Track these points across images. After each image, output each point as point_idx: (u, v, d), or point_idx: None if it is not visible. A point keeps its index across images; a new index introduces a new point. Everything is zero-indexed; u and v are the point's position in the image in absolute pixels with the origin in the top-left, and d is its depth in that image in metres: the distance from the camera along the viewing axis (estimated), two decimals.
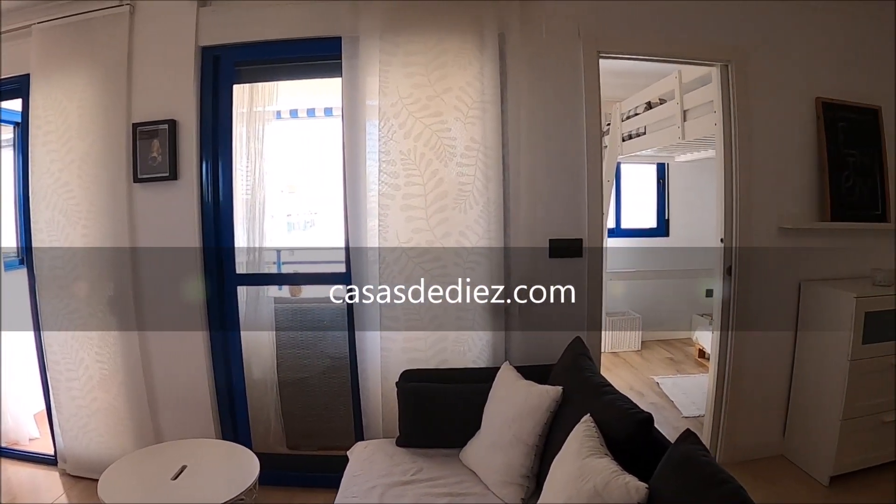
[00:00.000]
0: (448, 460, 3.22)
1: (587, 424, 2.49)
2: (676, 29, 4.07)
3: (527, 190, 3.74)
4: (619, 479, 2.07)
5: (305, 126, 5.76)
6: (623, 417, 2.50)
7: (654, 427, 2.49)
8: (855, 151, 4.52)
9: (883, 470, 4.28)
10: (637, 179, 8.42)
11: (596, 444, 2.35)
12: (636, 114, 6.32)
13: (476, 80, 3.63)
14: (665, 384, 6.32)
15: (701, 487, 1.88)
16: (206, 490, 2.95)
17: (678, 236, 8.25)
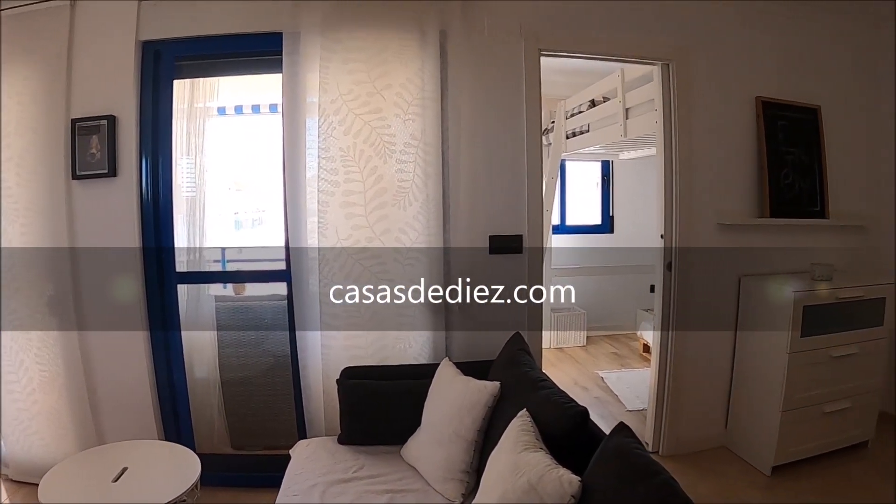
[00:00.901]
0: (390, 457, 3.19)
1: (523, 419, 2.48)
2: (618, 28, 4.06)
3: (466, 186, 3.73)
4: (553, 472, 2.06)
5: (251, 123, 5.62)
6: (559, 412, 2.49)
7: (590, 421, 2.47)
8: (794, 149, 4.59)
9: (824, 459, 4.36)
10: (582, 177, 8.50)
11: (531, 438, 2.34)
12: (580, 111, 6.37)
13: (417, 76, 3.60)
14: (609, 378, 6.35)
15: (633, 479, 1.88)
16: (147, 491, 2.88)
17: (623, 233, 8.35)
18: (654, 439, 4.52)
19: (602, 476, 2.02)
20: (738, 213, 4.44)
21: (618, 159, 8.03)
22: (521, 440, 2.34)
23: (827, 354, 4.16)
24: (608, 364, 7.01)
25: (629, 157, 7.57)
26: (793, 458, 4.22)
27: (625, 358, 7.30)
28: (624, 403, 5.62)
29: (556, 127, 6.87)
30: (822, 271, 4.28)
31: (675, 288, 4.32)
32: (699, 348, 4.46)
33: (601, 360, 7.23)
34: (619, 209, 8.41)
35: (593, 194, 8.46)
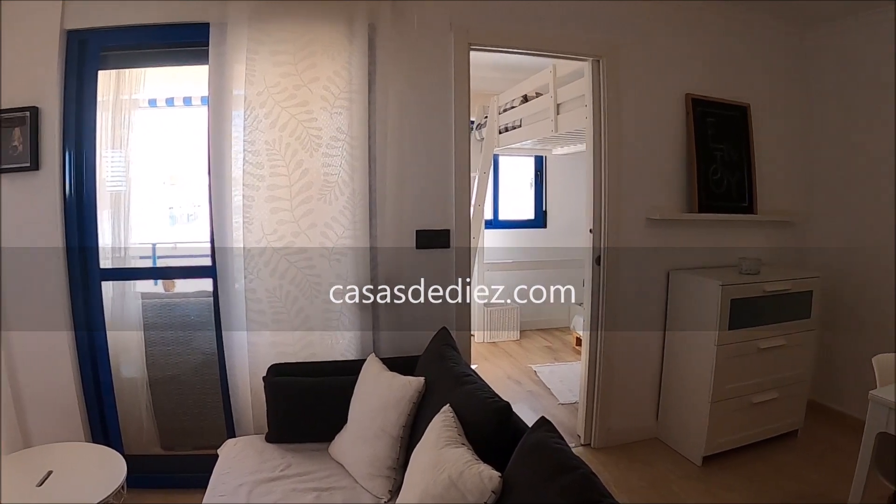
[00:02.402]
0: (317, 454, 3.10)
1: (446, 414, 2.45)
2: (550, 23, 4.02)
3: (393, 181, 3.65)
4: (474, 468, 2.03)
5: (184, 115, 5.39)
6: (482, 406, 2.45)
7: (513, 415, 2.44)
8: (723, 146, 4.64)
9: (754, 449, 4.41)
10: (515, 172, 8.49)
11: (453, 434, 2.31)
12: (513, 107, 6.36)
13: (344, 70, 3.51)
14: (542, 372, 6.34)
15: (552, 474, 1.84)
16: (72, 495, 2.73)
17: (556, 228, 8.38)
18: (586, 432, 4.52)
19: (522, 471, 1.99)
20: (667, 208, 4.46)
21: (551, 155, 8.05)
22: (442, 436, 2.30)
23: (755, 346, 4.20)
24: (541, 358, 7.00)
25: (562, 153, 7.59)
26: (723, 448, 4.25)
27: (558, 352, 7.32)
28: (556, 397, 5.61)
29: (489, 122, 6.84)
30: (750, 265, 4.33)
31: (604, 282, 4.32)
32: (629, 341, 4.47)
33: (535, 354, 7.22)
34: (552, 204, 8.43)
35: (526, 190, 8.47)
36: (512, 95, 6.30)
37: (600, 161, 4.21)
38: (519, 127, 6.18)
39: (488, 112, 6.84)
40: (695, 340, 4.23)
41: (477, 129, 7.13)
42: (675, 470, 4.14)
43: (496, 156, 7.82)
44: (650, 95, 4.33)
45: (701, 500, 3.76)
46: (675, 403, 4.48)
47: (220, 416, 3.84)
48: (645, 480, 3.98)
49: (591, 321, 4.40)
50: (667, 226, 4.45)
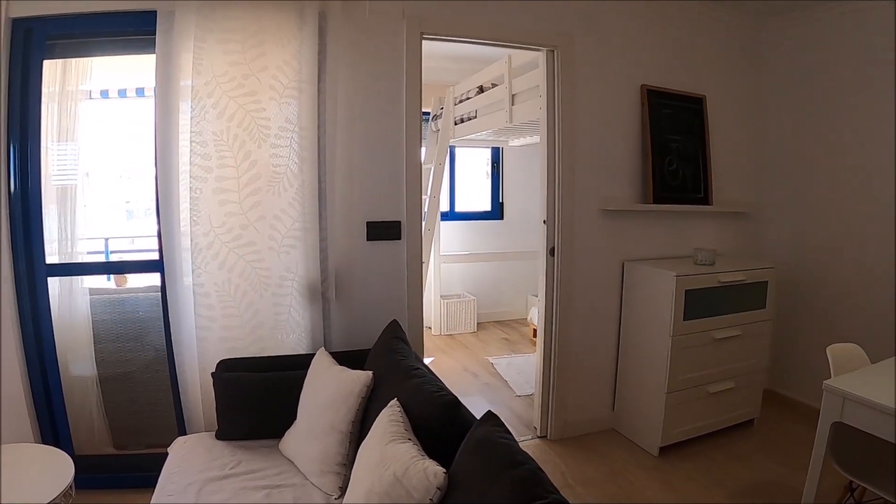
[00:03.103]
0: (268, 451, 3.03)
1: (393, 409, 2.40)
2: (504, 13, 3.97)
3: (343, 172, 3.59)
4: (419, 464, 1.99)
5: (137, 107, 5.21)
6: (429, 400, 2.42)
7: (461, 409, 2.41)
8: (679, 137, 4.65)
9: (711, 438, 4.44)
10: (472, 164, 8.45)
11: (400, 429, 2.26)
12: (468, 98, 6.28)
13: (294, 59, 3.43)
14: (500, 364, 6.33)
15: (498, 469, 1.81)
16: (17, 498, 2.63)
17: (512, 219, 8.37)
18: (542, 424, 4.50)
19: (468, 467, 1.95)
20: (622, 199, 4.46)
21: (507, 146, 8.03)
22: (389, 431, 2.25)
23: (710, 337, 4.22)
24: (498, 350, 6.99)
25: (518, 144, 7.59)
26: (680, 438, 4.26)
27: (515, 343, 7.30)
28: (514, 389, 5.60)
29: (444, 113, 6.77)
30: (705, 256, 4.35)
31: (558, 274, 4.29)
32: (585, 333, 4.47)
33: (492, 345, 7.21)
34: (508, 196, 8.41)
35: (483, 181, 8.45)
36: (468, 86, 6.24)
37: (554, 152, 4.18)
38: (475, 118, 6.12)
39: (444, 103, 6.79)
40: (650, 331, 4.23)
41: (433, 121, 7.08)
42: (632, 461, 4.13)
43: (452, 147, 7.80)
44: (605, 86, 4.31)
45: (657, 490, 3.75)
46: (631, 394, 4.49)
47: (171, 413, 3.74)
48: (601, 472, 3.97)
49: (546, 313, 4.37)
50: (621, 217, 4.45)
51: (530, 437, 4.47)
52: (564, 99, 4.11)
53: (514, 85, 5.17)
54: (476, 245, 8.16)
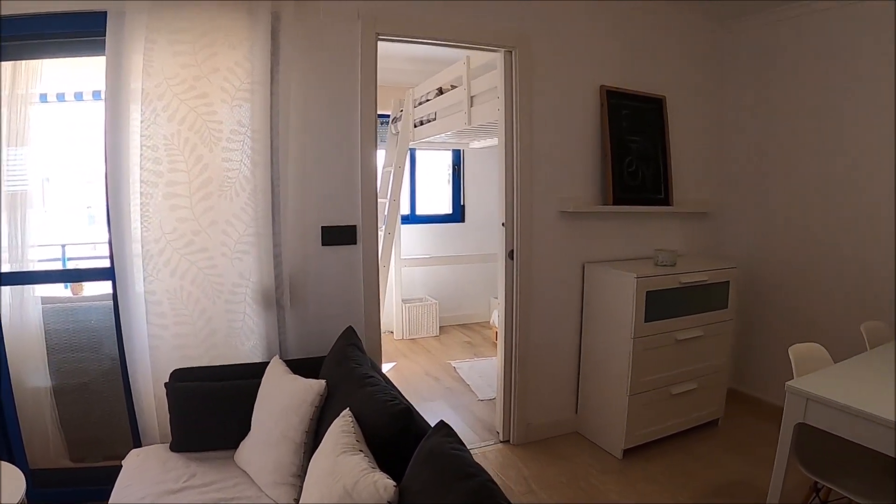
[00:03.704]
0: (223, 463, 2.98)
1: (345, 419, 2.36)
2: (461, 13, 3.95)
3: (297, 176, 3.53)
4: (369, 477, 1.95)
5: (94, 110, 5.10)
6: (381, 410, 2.37)
7: (414, 418, 2.39)
8: (638, 138, 4.66)
9: (675, 439, 4.47)
10: (433, 166, 8.43)
11: (351, 440, 2.22)
12: (428, 100, 6.26)
13: (246, 60, 3.38)
14: (462, 368, 6.34)
15: (449, 482, 1.77)
16: None
17: (474, 222, 8.37)
18: (505, 428, 4.50)
19: (420, 479, 1.90)
20: (581, 200, 4.46)
21: (468, 148, 8.02)
22: (340, 442, 2.21)
23: (672, 338, 4.24)
24: (461, 353, 6.99)
25: (479, 146, 7.56)
26: (643, 440, 4.29)
27: (478, 347, 7.31)
28: (476, 393, 5.61)
29: (404, 115, 6.74)
30: (666, 257, 4.38)
31: (517, 276, 4.29)
32: (546, 335, 4.47)
33: (454, 349, 7.21)
34: (469, 198, 8.42)
35: (444, 184, 8.43)
36: (427, 88, 6.22)
37: (512, 154, 4.18)
38: (434, 120, 6.10)
39: (404, 105, 6.76)
40: (611, 333, 4.24)
41: (392, 123, 7.05)
42: (595, 464, 4.14)
43: (413, 150, 7.79)
44: (564, 87, 4.32)
45: (621, 493, 3.76)
46: (593, 397, 4.49)
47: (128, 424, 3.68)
48: (564, 476, 3.97)
49: (506, 316, 4.37)
50: (581, 218, 4.46)
51: (493, 441, 4.47)
52: (522, 100, 4.11)
53: (472, 86, 5.17)
54: (437, 248, 8.16)
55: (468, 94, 5.20)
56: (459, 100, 5.40)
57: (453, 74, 5.56)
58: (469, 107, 5.24)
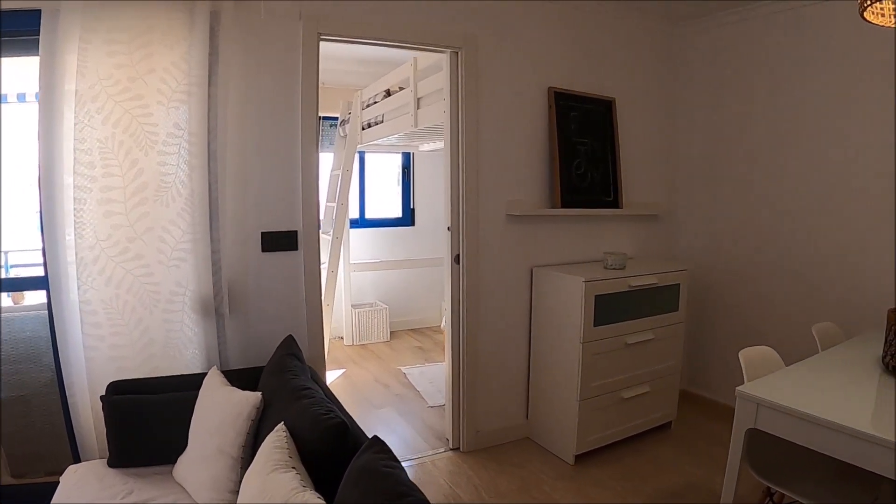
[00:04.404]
0: (162, 478, 2.91)
1: (278, 434, 2.29)
2: (406, 13, 3.94)
3: (236, 180, 3.48)
4: (299, 496, 1.88)
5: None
6: (316, 424, 2.30)
7: (349, 433, 2.31)
8: (587, 140, 4.67)
9: (628, 443, 4.51)
10: (383, 169, 8.44)
11: (284, 456, 2.15)
12: (375, 101, 6.24)
13: (183, 60, 3.31)
14: (412, 374, 6.34)
15: (381, 502, 1.71)
16: None
17: (424, 226, 8.39)
18: (454, 436, 4.49)
19: (351, 499, 1.85)
20: (528, 203, 4.48)
21: (418, 151, 8.03)
22: (271, 459, 2.13)
23: (622, 342, 4.27)
24: (411, 359, 7.00)
25: (428, 149, 7.55)
26: (595, 445, 4.31)
27: (429, 352, 7.31)
28: (426, 399, 5.60)
29: (352, 118, 6.71)
30: (615, 260, 4.39)
31: (464, 281, 4.29)
32: (494, 341, 4.48)
33: (404, 354, 7.21)
34: (420, 202, 8.43)
35: (394, 187, 8.44)
36: (375, 90, 6.19)
37: (458, 156, 4.19)
38: (382, 122, 6.08)
39: (352, 107, 6.73)
40: (560, 338, 4.25)
41: (341, 126, 7.01)
42: (547, 470, 4.15)
43: (362, 153, 7.77)
44: (511, 88, 4.33)
45: (573, 499, 3.77)
46: (544, 402, 4.51)
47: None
48: (515, 483, 3.97)
49: (453, 322, 4.37)
50: (528, 222, 4.48)
51: (443, 449, 4.46)
52: (468, 101, 4.12)
53: (419, 88, 5.16)
54: (388, 252, 8.14)
55: (415, 95, 5.19)
56: (406, 101, 5.38)
57: (401, 76, 5.54)
58: (416, 109, 5.23)
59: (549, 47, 4.47)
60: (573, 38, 4.59)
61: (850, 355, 3.20)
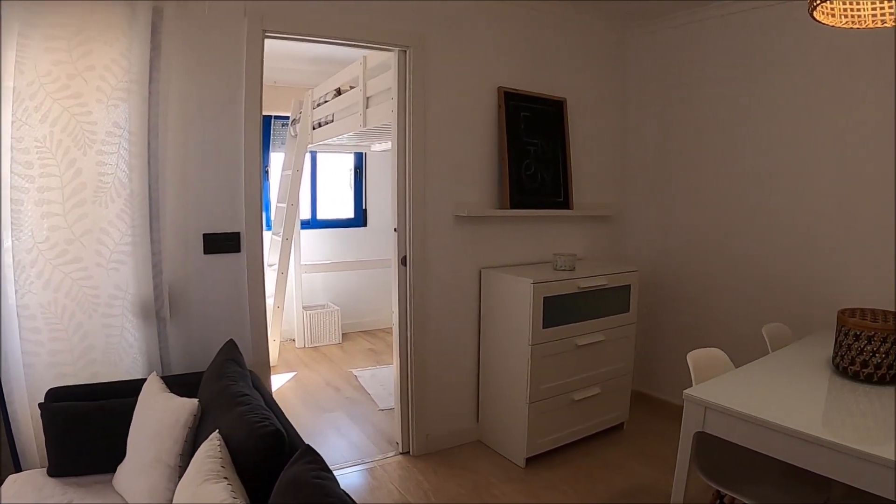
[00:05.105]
0: (102, 488, 2.87)
1: (212, 443, 2.27)
2: (354, 11, 3.93)
3: (176, 180, 3.45)
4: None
5: None
6: (250, 432, 2.26)
7: (284, 441, 2.28)
8: (537, 141, 4.70)
9: (580, 445, 4.58)
10: (335, 169, 8.43)
11: (216, 466, 2.12)
12: (326, 101, 6.23)
13: (123, 57, 3.28)
14: (363, 377, 6.35)
15: None
16: None
17: (376, 226, 8.40)
18: (404, 439, 4.51)
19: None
20: (477, 204, 4.51)
21: (370, 151, 8.03)
22: (203, 469, 2.11)
23: (572, 343, 4.32)
24: (363, 361, 7.01)
25: (380, 149, 7.55)
26: (547, 447, 4.36)
27: (381, 354, 7.33)
28: (377, 402, 5.62)
29: (303, 117, 6.68)
30: (565, 262, 4.44)
31: (411, 283, 4.31)
32: (443, 343, 4.51)
33: (356, 357, 7.21)
34: (372, 202, 8.45)
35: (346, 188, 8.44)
36: (326, 89, 6.18)
37: (405, 156, 4.21)
38: (332, 122, 6.07)
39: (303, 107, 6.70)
40: (509, 340, 4.29)
41: (292, 125, 6.96)
42: (498, 473, 4.19)
43: (314, 153, 7.76)
44: (460, 88, 4.36)
45: (524, 503, 3.81)
46: (494, 405, 4.54)
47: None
48: (466, 487, 4.00)
49: (400, 324, 4.38)
50: (477, 223, 4.51)
51: (393, 453, 4.47)
52: (416, 101, 4.13)
53: (368, 87, 5.17)
54: (340, 253, 8.14)
55: (364, 94, 5.20)
56: (356, 101, 5.39)
57: (351, 75, 5.55)
58: (365, 108, 5.23)
59: (499, 47, 4.50)
60: (524, 38, 4.63)
61: (801, 356, 3.26)
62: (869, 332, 2.75)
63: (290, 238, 6.62)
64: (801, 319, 4.21)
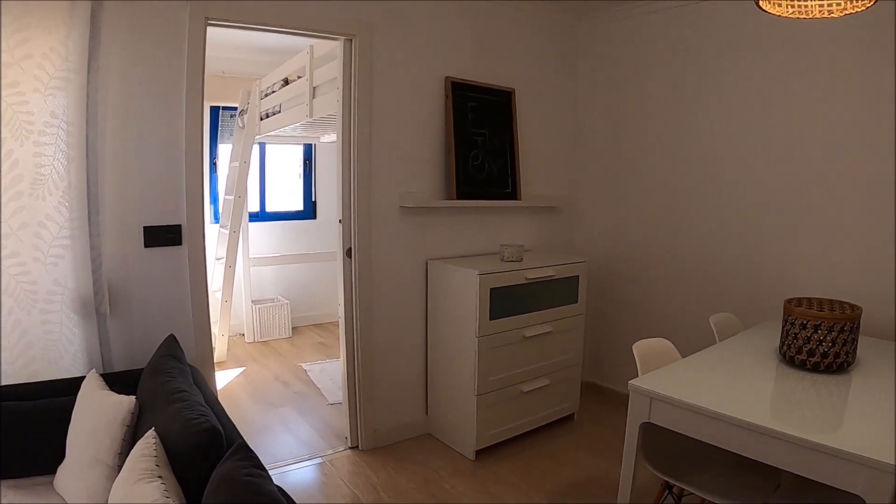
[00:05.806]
0: (43, 489, 2.84)
1: (147, 441, 2.25)
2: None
3: (116, 172, 3.43)
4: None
5: None
6: (186, 429, 2.25)
7: (220, 439, 2.27)
8: (485, 131, 4.73)
9: (530, 437, 4.65)
10: (284, 161, 8.40)
11: (150, 464, 2.11)
12: (273, 91, 6.19)
13: (61, 45, 3.23)
14: (312, 371, 6.36)
15: None
16: None
17: (325, 218, 8.39)
18: (353, 434, 4.53)
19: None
20: (423, 195, 4.54)
21: (320, 143, 8.03)
22: (138, 468, 2.09)
23: (520, 335, 4.38)
24: (313, 355, 7.02)
25: (329, 141, 7.53)
26: (497, 439, 4.41)
27: (331, 347, 7.34)
28: (326, 396, 5.63)
29: (250, 108, 6.64)
30: (512, 253, 4.48)
31: (356, 275, 4.32)
32: (390, 336, 4.53)
33: (306, 351, 7.23)
34: (321, 194, 8.44)
35: (296, 180, 8.42)
36: (274, 79, 6.14)
37: (350, 146, 4.21)
38: (279, 112, 6.04)
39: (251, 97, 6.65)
40: (456, 332, 4.34)
41: (240, 116, 6.90)
42: (447, 467, 4.24)
43: (263, 144, 7.72)
44: (407, 78, 4.38)
45: (474, 496, 3.86)
46: (442, 398, 4.59)
47: None
48: (415, 481, 4.04)
49: (346, 316, 4.38)
50: (423, 214, 4.55)
51: (342, 448, 4.49)
52: (361, 90, 4.14)
53: (315, 77, 5.15)
54: (289, 246, 8.13)
55: (311, 84, 5.18)
56: (302, 91, 5.37)
57: (298, 64, 5.53)
58: (311, 98, 5.22)
59: (446, 36, 4.53)
60: (472, 28, 4.67)
61: (748, 346, 3.35)
62: (815, 322, 2.84)
63: (238, 231, 6.56)
64: (749, 309, 4.33)
